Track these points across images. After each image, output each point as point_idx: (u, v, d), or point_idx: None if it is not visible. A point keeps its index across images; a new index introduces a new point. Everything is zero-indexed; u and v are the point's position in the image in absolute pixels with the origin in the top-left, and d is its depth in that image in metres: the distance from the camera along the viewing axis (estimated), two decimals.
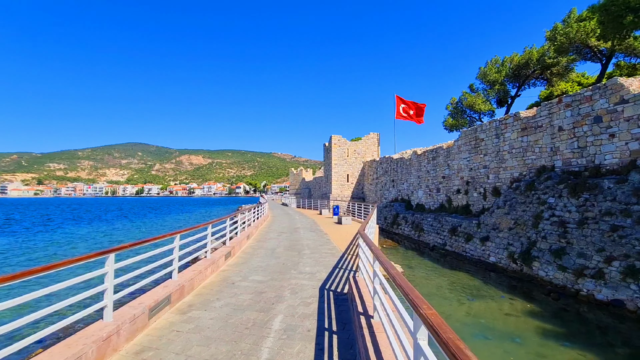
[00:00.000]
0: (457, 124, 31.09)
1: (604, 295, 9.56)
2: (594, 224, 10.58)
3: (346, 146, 41.79)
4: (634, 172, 10.19)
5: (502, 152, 16.59)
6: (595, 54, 20.42)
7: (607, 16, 14.35)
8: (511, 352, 7.46)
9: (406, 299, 2.46)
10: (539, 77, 25.70)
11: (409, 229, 23.75)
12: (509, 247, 13.65)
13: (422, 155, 25.43)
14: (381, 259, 3.73)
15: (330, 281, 7.43)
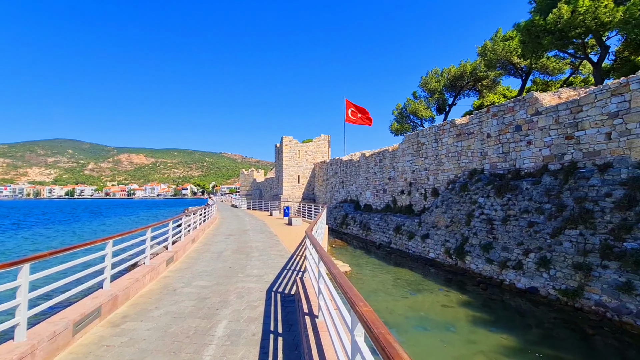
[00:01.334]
0: (402, 129, 32.96)
1: (523, 284, 10.83)
2: (515, 221, 11.94)
3: (297, 147, 41.90)
4: (546, 175, 11.71)
5: (440, 156, 17.96)
6: (517, 70, 23.18)
7: (528, 36, 16.34)
8: (447, 341, 8.08)
9: (345, 297, 2.56)
10: (472, 88, 28.41)
11: (358, 229, 24.54)
12: (446, 244, 14.81)
13: (370, 158, 26.47)
14: (325, 259, 3.82)
15: (278, 283, 7.39)
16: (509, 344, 7.79)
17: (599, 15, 13.25)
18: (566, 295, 9.43)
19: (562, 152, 11.55)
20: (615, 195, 9.33)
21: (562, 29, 14.44)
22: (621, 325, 8.14)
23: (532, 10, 18.16)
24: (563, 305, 9.54)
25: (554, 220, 10.58)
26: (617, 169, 9.66)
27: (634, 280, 8.08)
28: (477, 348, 7.64)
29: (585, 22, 13.60)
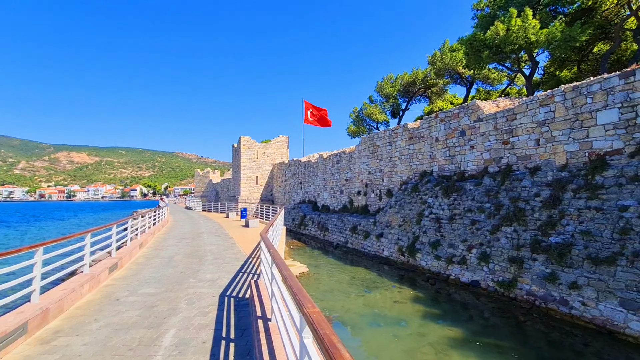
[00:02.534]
0: (359, 131, 33.89)
1: (466, 278, 11.68)
2: (460, 219, 12.85)
3: (255, 148, 41.16)
4: (486, 177, 12.76)
5: (394, 158, 18.76)
6: (463, 80, 25.07)
7: (471, 49, 17.74)
8: (398, 335, 8.44)
9: (294, 299, 2.58)
10: (423, 95, 30.14)
11: (316, 229, 24.75)
12: (399, 242, 15.51)
13: (328, 159, 26.84)
14: (277, 261, 3.81)
15: (232, 287, 7.22)
16: (454, 335, 8.34)
17: (528, 34, 14.81)
18: (503, 286, 10.34)
19: (500, 156, 12.67)
20: (542, 195, 10.44)
21: (499, 45, 15.90)
22: (547, 312, 9.12)
23: (475, 26, 19.75)
24: (500, 296, 10.45)
25: (493, 218, 11.57)
26: (545, 171, 10.82)
27: (557, 271, 9.10)
28: (426, 340, 8.07)
29: (517, 40, 15.11)
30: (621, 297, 7.70)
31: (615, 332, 7.71)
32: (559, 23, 14.78)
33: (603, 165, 9.32)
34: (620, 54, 17.23)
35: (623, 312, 7.60)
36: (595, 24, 15.03)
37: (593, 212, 8.99)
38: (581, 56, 18.28)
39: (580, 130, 10.14)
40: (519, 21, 14.91)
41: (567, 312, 8.65)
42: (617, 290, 7.81)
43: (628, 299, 7.57)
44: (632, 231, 8.05)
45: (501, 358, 7.16)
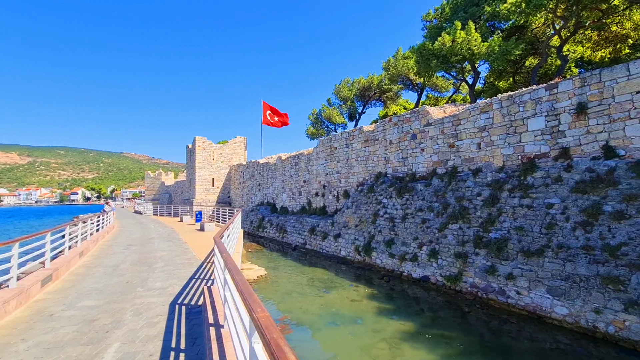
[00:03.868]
0: (317, 133, 34.24)
1: (418, 274, 12.33)
2: (411, 218, 13.53)
3: (212, 149, 39.77)
4: (435, 178, 13.58)
5: (351, 160, 19.25)
6: (414, 86, 26.51)
7: (420, 57, 18.81)
8: (355, 333, 8.66)
9: (244, 304, 2.57)
10: (378, 99, 31.33)
11: (274, 231, 24.53)
12: (355, 242, 15.92)
13: (286, 161, 26.76)
14: (230, 265, 3.75)
15: (184, 295, 6.92)
16: (406, 329, 8.76)
17: (471, 46, 16.09)
18: (450, 280, 11.08)
19: (447, 159, 13.57)
20: (483, 194, 11.37)
21: (446, 55, 17.05)
22: (488, 302, 9.93)
23: (424, 36, 20.99)
24: (448, 289, 11.17)
25: (441, 217, 12.34)
26: (485, 173, 11.80)
27: (496, 264, 9.96)
28: (381, 336, 8.38)
29: (461, 51, 16.33)
30: (548, 285, 8.63)
31: (543, 316, 8.62)
32: (497, 37, 16.28)
33: (533, 167, 10.39)
34: (547, 68, 19.37)
35: (549, 298, 8.52)
36: (527, 40, 16.77)
37: (525, 209, 9.98)
38: (515, 68, 20.27)
39: (514, 135, 11.21)
40: (463, 34, 16.15)
41: (505, 301, 9.50)
42: (544, 279, 8.75)
43: (554, 286, 8.51)
44: (556, 226, 9.07)
45: (448, 348, 7.66)
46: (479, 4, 18.33)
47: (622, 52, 17.24)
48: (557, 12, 14.39)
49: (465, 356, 7.32)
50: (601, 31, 16.74)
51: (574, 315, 8.00)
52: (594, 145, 9.27)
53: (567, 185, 9.32)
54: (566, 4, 13.74)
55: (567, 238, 8.71)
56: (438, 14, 21.61)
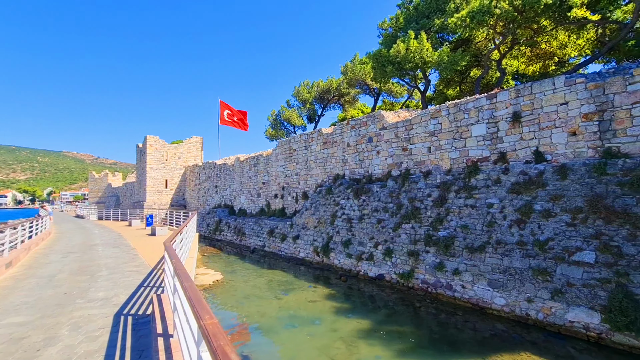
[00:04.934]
0: (277, 134, 34.01)
1: (374, 273, 12.76)
2: (368, 219, 13.97)
3: (165, 149, 37.72)
4: (390, 180, 14.17)
5: (310, 162, 19.40)
6: (371, 91, 27.47)
7: (376, 63, 19.55)
8: (313, 333, 8.73)
9: (192, 311, 2.51)
10: (337, 102, 31.95)
11: (232, 234, 23.91)
12: (314, 243, 16.07)
13: (245, 162, 26.25)
14: (179, 271, 3.62)
15: (130, 304, 6.50)
16: (363, 326, 9.02)
17: (423, 55, 17.08)
18: (403, 277, 11.61)
19: (401, 161, 14.22)
20: (433, 195, 12.09)
21: (400, 62, 17.92)
22: (437, 296, 10.57)
23: (380, 42, 21.85)
24: (401, 286, 11.70)
25: (395, 217, 12.90)
26: (435, 175, 12.55)
27: (444, 261, 10.63)
28: (338, 335, 8.54)
29: (414, 59, 17.27)
30: (489, 278, 9.40)
31: (485, 308, 9.37)
32: (445, 48, 17.45)
33: (476, 170, 11.26)
34: (489, 79, 21.15)
35: (490, 290, 9.29)
36: (471, 52, 18.21)
37: (469, 209, 10.79)
38: (462, 78, 21.86)
39: (460, 140, 12.07)
40: (416, 43, 17.08)
41: (452, 295, 10.17)
42: (486, 273, 9.52)
43: (493, 279, 9.30)
44: (495, 224, 9.92)
45: (401, 342, 8.02)
46: (429, 16, 19.51)
47: (550, 67, 19.39)
48: (497, 28, 15.80)
49: (416, 349, 7.72)
50: (533, 48, 18.68)
51: (510, 305, 8.80)
52: (527, 151, 10.29)
53: (505, 186, 10.24)
54: (504, 22, 15.13)
55: (505, 235, 9.57)
56: (393, 22, 22.61)
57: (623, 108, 8.49)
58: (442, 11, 19.12)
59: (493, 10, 14.73)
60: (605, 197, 8.15)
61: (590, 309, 7.46)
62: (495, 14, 14.82)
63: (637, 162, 8.03)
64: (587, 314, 7.48)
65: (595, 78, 9.07)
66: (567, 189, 8.90)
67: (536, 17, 14.58)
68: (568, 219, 8.57)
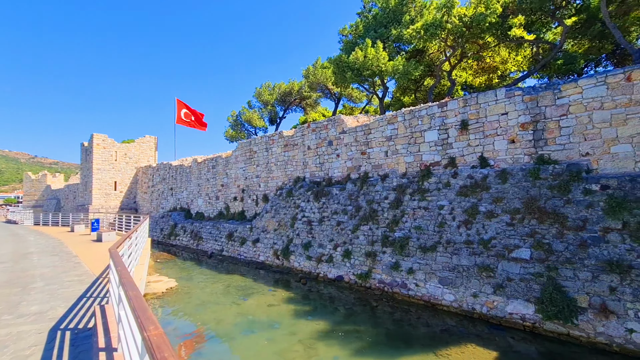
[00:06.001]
0: (237, 136, 33.25)
1: (333, 274, 12.93)
2: (328, 221, 14.15)
3: (114, 148, 35.20)
4: (349, 183, 14.49)
5: (271, 164, 19.23)
6: (332, 95, 27.93)
7: (337, 69, 19.95)
8: (271, 338, 8.63)
9: (136, 322, 2.38)
10: (299, 105, 32.06)
11: (188, 239, 22.91)
12: (274, 246, 15.92)
13: (203, 164, 25.33)
14: (124, 280, 3.41)
15: (70, 317, 5.97)
16: (322, 328, 9.09)
17: (380, 63, 17.77)
18: (361, 278, 11.91)
19: (360, 165, 14.61)
20: (390, 198, 12.56)
21: (359, 68, 18.47)
22: (393, 295, 10.97)
23: (341, 48, 22.34)
24: (359, 287, 11.98)
25: (354, 219, 13.21)
26: (391, 178, 13.06)
27: (400, 260, 11.08)
28: (297, 338, 8.52)
29: (372, 66, 17.90)
30: (440, 276, 9.96)
31: (436, 304, 9.91)
32: (401, 58, 18.31)
33: (429, 174, 11.91)
34: (441, 88, 22.52)
35: (440, 287, 9.85)
36: (425, 63, 19.28)
37: (422, 210, 11.37)
38: (416, 86, 23.05)
39: (415, 145, 12.70)
40: (373, 51, 17.71)
41: (406, 293, 10.63)
42: (437, 271, 10.07)
43: (444, 277, 9.87)
44: (446, 224, 10.55)
45: (358, 341, 8.21)
46: (387, 26, 20.32)
47: (494, 80, 21.16)
48: (448, 42, 16.91)
49: (373, 347, 7.95)
50: (479, 62, 20.25)
51: (458, 301, 9.40)
52: (473, 156, 11.10)
53: (454, 189, 10.95)
54: (454, 36, 16.25)
55: (454, 234, 10.21)
56: (353, 30, 23.22)
57: (553, 119, 9.50)
58: (398, 22, 20.04)
59: (444, 24, 15.75)
60: (539, 199, 9.05)
61: (526, 301, 8.20)
62: (447, 28, 15.87)
63: (564, 168, 9.02)
64: (523, 305, 8.22)
65: (531, 92, 10.06)
66: (507, 192, 9.74)
67: (482, 34, 15.85)
68: (508, 219, 9.37)
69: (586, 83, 8.97)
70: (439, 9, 16.85)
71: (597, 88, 8.77)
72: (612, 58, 18.17)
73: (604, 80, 8.68)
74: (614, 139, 8.53)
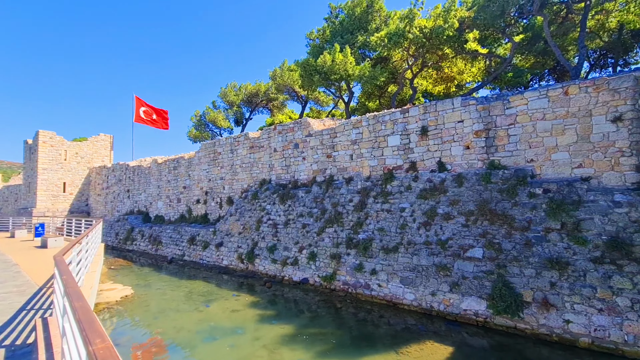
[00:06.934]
0: (201, 136, 32.19)
1: (298, 277, 12.92)
2: (293, 224, 14.13)
3: (64, 147, 32.58)
4: (314, 185, 14.58)
5: (236, 166, 18.84)
6: (299, 98, 28.01)
7: (304, 72, 20.05)
8: (235, 344, 8.44)
9: (81, 335, 2.25)
10: (265, 107, 31.73)
11: (146, 244, 21.75)
12: (239, 250, 15.60)
13: (164, 165, 24.22)
14: (70, 289, 3.19)
15: (5, 333, 5.44)
16: (286, 332, 9.04)
17: (347, 68, 18.14)
18: (326, 280, 12.01)
19: (325, 167, 14.76)
20: (354, 200, 12.82)
21: (326, 72, 18.72)
22: (357, 296, 11.18)
23: (308, 52, 22.51)
24: (324, 289, 12.08)
25: (319, 221, 13.31)
26: (356, 181, 13.33)
27: (363, 262, 11.32)
28: (261, 343, 8.41)
29: (339, 70, 18.22)
30: (401, 276, 10.32)
31: (398, 303, 10.24)
32: (367, 64, 18.85)
33: (391, 177, 12.32)
34: (403, 95, 23.45)
35: (402, 287, 10.20)
36: (389, 70, 19.97)
37: (385, 213, 11.73)
38: (381, 92, 23.79)
39: (378, 149, 13.08)
40: (340, 56, 18.05)
41: (369, 293, 10.88)
42: (399, 271, 10.43)
43: (405, 277, 10.24)
44: (407, 226, 10.96)
45: (323, 344, 8.27)
46: (353, 32, 20.81)
47: (451, 89, 22.44)
48: (410, 51, 17.68)
49: (337, 349, 8.05)
50: (438, 71, 21.39)
51: (418, 299, 9.79)
52: (432, 161, 11.66)
53: (415, 192, 11.42)
54: (416, 46, 17.02)
55: (414, 236, 10.64)
56: (320, 34, 23.48)
57: (502, 128, 10.25)
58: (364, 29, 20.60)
59: (407, 34, 16.44)
60: (490, 202, 9.70)
61: (479, 298, 8.74)
62: (409, 38, 16.57)
63: (512, 173, 9.76)
64: (476, 302, 8.75)
65: (483, 101, 10.78)
66: (463, 195, 10.34)
67: (440, 45, 16.75)
68: (463, 221, 9.94)
69: (531, 95, 9.80)
70: (402, 20, 17.58)
71: (540, 100, 9.61)
72: (554, 73, 20.03)
73: (546, 93, 9.53)
74: (554, 147, 9.39)
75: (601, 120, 8.75)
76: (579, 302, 7.48)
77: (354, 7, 21.61)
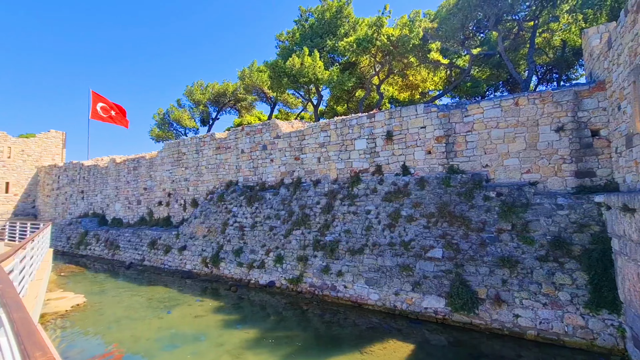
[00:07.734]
0: (164, 135, 30.84)
1: (265, 280, 12.78)
2: (260, 226, 13.97)
3: (7, 143, 29.85)
4: (282, 187, 14.52)
5: (201, 167, 18.29)
6: (268, 99, 27.79)
7: (273, 73, 19.97)
8: (196, 351, 8.16)
9: (19, 348, 2.08)
10: (233, 107, 31.09)
11: (102, 248, 20.46)
12: (203, 253, 15.13)
13: (122, 165, 22.93)
14: (7, 299, 2.94)
15: None
16: (251, 336, 8.90)
17: (316, 72, 18.33)
18: (292, 282, 11.98)
19: (293, 170, 14.76)
20: (321, 203, 12.93)
21: (295, 75, 18.78)
22: (323, 298, 11.26)
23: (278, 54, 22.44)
24: (291, 291, 12.04)
25: (287, 223, 13.27)
26: (323, 184, 13.46)
27: (330, 264, 11.44)
28: (224, 349, 8.21)
29: (308, 74, 18.36)
30: (366, 277, 10.55)
31: (363, 304, 10.45)
32: (335, 68, 19.16)
33: (358, 180, 12.58)
34: (370, 100, 24.09)
35: (367, 288, 10.43)
36: (357, 75, 20.46)
37: (352, 215, 11.94)
38: (349, 97, 24.29)
39: (345, 152, 13.31)
40: (309, 59, 18.20)
41: (335, 295, 11.01)
42: (364, 272, 10.65)
43: (369, 277, 10.47)
44: (372, 228, 11.24)
45: (288, 346, 8.23)
46: (322, 36, 21.04)
47: (416, 96, 23.42)
48: (377, 57, 18.22)
49: (303, 351, 8.05)
50: (403, 79, 22.23)
51: (382, 299, 10.06)
52: (397, 165, 12.06)
53: (380, 195, 11.74)
54: (382, 53, 17.58)
55: (379, 237, 10.94)
56: (290, 36, 23.49)
57: (461, 134, 10.85)
58: (333, 34, 20.91)
59: (375, 41, 16.92)
60: (449, 204, 10.21)
61: (438, 296, 9.15)
62: (377, 45, 17.06)
63: (469, 177, 10.35)
64: (436, 300, 9.16)
65: (444, 109, 11.35)
66: (425, 198, 10.79)
67: (406, 53, 17.43)
68: (425, 223, 10.37)
69: (486, 105, 10.47)
70: (370, 27, 18.08)
71: (494, 110, 10.29)
72: (507, 85, 21.57)
73: (499, 103, 10.23)
74: (506, 154, 10.09)
75: (546, 130, 9.55)
76: (527, 298, 8.09)
77: (324, 12, 21.88)
